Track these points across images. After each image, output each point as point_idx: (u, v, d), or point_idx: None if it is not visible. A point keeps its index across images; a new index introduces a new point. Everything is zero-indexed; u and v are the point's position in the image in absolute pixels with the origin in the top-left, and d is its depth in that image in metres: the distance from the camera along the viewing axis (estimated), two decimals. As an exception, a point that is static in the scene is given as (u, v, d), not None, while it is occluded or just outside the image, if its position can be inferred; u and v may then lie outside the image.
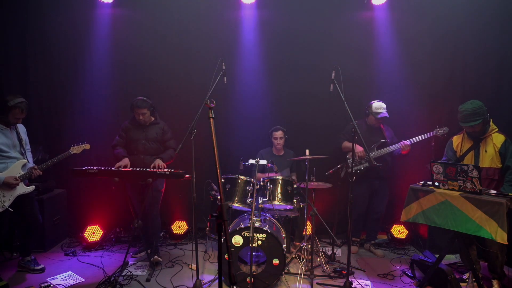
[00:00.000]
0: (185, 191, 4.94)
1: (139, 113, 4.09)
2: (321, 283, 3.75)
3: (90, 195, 5.05)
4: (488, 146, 3.56)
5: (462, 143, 3.75)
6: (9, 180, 3.53)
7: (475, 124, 3.49)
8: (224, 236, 1.84)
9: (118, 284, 3.59)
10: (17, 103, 3.56)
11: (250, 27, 5.04)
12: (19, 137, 3.75)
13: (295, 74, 5.07)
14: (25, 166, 3.74)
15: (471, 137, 3.68)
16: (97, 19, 4.94)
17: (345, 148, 4.61)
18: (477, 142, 3.65)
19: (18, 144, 3.73)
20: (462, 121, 3.57)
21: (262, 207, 4.02)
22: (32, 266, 3.93)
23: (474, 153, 3.64)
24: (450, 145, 3.87)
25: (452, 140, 3.87)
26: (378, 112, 4.35)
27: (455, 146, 3.82)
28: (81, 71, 5.00)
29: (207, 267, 4.14)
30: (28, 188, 3.76)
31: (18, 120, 3.68)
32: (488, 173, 3.54)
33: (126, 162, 3.98)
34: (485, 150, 3.57)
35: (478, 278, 3.35)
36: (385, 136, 4.46)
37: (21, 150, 3.76)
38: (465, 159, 3.70)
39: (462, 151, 3.73)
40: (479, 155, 3.60)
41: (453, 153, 3.83)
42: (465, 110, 3.53)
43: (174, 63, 5.03)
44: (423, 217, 3.37)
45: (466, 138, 3.74)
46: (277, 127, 4.71)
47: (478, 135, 3.61)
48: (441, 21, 4.85)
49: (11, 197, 3.61)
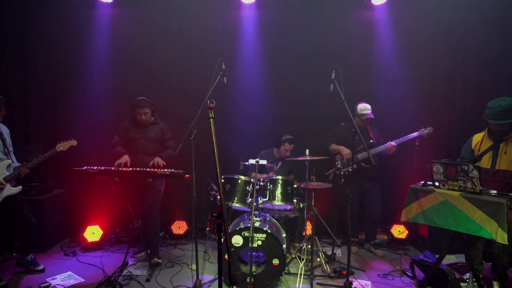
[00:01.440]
0: (185, 191, 4.94)
1: (141, 112, 4.08)
2: (321, 283, 3.75)
3: (90, 195, 5.04)
4: (508, 148, 3.37)
5: (482, 142, 3.56)
6: None
7: (505, 122, 3.27)
8: (224, 236, 1.83)
9: (118, 284, 3.58)
10: None
11: (250, 27, 5.04)
12: (1, 137, 3.66)
13: (295, 74, 5.07)
14: (9, 167, 3.66)
15: (493, 136, 3.46)
16: (97, 19, 4.94)
17: (333, 151, 4.65)
18: (497, 143, 3.44)
19: (1, 145, 3.65)
20: (493, 118, 3.31)
21: (262, 207, 4.02)
22: (32, 266, 3.92)
23: (493, 153, 3.45)
24: (469, 143, 3.67)
25: (472, 138, 3.65)
26: (363, 114, 4.40)
27: (474, 145, 3.61)
28: (81, 71, 4.99)
29: (207, 267, 4.14)
30: (15, 189, 3.67)
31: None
32: (505, 176, 3.35)
33: (126, 159, 3.97)
34: (504, 152, 3.37)
35: (479, 278, 3.34)
36: (372, 136, 4.49)
37: (4, 151, 3.67)
38: (483, 159, 3.52)
39: (481, 150, 3.55)
40: (497, 156, 3.41)
41: (471, 152, 3.64)
42: (498, 106, 3.28)
43: (174, 63, 5.03)
44: (423, 217, 3.36)
45: (486, 137, 3.53)
46: (291, 139, 4.59)
47: (502, 135, 3.40)
48: (441, 21, 4.86)
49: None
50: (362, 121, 4.45)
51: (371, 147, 4.41)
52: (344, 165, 4.50)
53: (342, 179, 4.50)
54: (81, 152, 4.74)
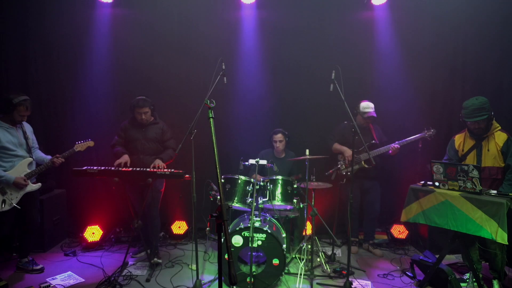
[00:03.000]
0: (185, 191, 4.94)
1: (141, 112, 4.08)
2: (321, 283, 3.75)
3: (90, 195, 5.05)
4: (490, 145, 3.49)
5: (464, 142, 3.67)
6: (19, 181, 3.58)
7: (481, 119, 3.40)
8: (224, 236, 1.83)
9: (118, 284, 3.58)
10: (21, 101, 3.61)
11: (250, 27, 5.04)
12: (25, 136, 3.79)
13: (295, 73, 5.07)
14: (31, 164, 3.78)
15: (474, 135, 3.60)
16: (97, 19, 4.94)
17: (336, 150, 4.62)
18: (479, 141, 3.57)
19: (24, 143, 3.77)
20: (468, 116, 3.46)
21: (262, 207, 4.02)
22: (30, 266, 3.92)
23: (477, 152, 3.57)
24: (452, 144, 3.79)
25: (454, 139, 3.79)
26: (366, 112, 4.37)
27: (457, 145, 3.73)
28: (81, 71, 5.00)
29: (207, 267, 4.14)
30: (35, 186, 3.82)
31: (23, 117, 3.72)
32: (491, 172, 3.48)
33: (126, 159, 3.97)
34: (487, 149, 3.50)
35: (479, 278, 3.34)
36: (374, 136, 4.47)
37: (27, 149, 3.79)
38: (467, 159, 3.63)
39: (464, 150, 3.66)
40: (481, 154, 3.53)
41: (455, 152, 3.76)
42: (472, 105, 3.43)
43: (174, 63, 5.02)
44: (423, 217, 3.36)
45: (468, 137, 3.66)
46: (277, 130, 4.63)
47: (481, 133, 3.52)
48: (441, 21, 4.86)
49: (19, 195, 3.67)
50: (364, 119, 4.41)
51: (374, 147, 4.40)
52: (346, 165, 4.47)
53: (344, 179, 4.49)
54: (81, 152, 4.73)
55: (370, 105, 4.40)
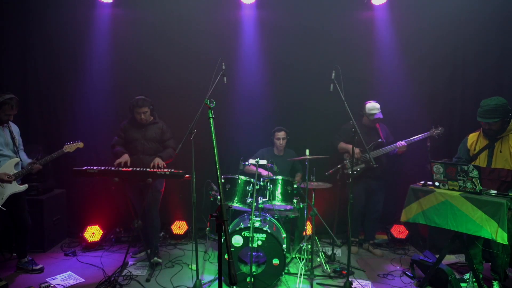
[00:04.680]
0: (185, 191, 4.94)
1: (140, 112, 4.07)
2: (321, 283, 3.75)
3: (90, 195, 5.05)
4: (503, 147, 3.39)
5: (477, 142, 3.59)
6: (1, 177, 3.50)
7: (492, 122, 3.33)
8: (224, 236, 1.83)
9: (118, 284, 3.58)
10: (6, 99, 3.55)
11: (250, 27, 5.04)
12: (12, 136, 3.73)
13: (295, 73, 5.07)
14: (17, 165, 3.73)
15: (487, 135, 3.50)
16: (97, 19, 4.94)
17: (342, 149, 4.60)
18: (492, 142, 3.47)
19: (11, 143, 3.72)
20: (480, 116, 3.39)
21: (262, 207, 4.02)
22: (30, 266, 3.91)
23: (488, 152, 3.48)
24: (465, 142, 3.70)
25: (468, 138, 3.68)
26: (372, 114, 4.36)
27: (469, 144, 3.64)
28: (81, 71, 5.00)
29: (207, 267, 4.14)
30: (21, 187, 3.74)
31: (9, 116, 3.66)
32: (501, 174, 3.37)
33: (126, 158, 3.97)
34: (499, 150, 3.40)
35: (479, 278, 3.34)
36: (381, 136, 4.46)
37: (14, 149, 3.74)
38: (478, 159, 3.54)
39: (476, 149, 3.58)
40: (493, 155, 3.44)
41: (466, 151, 3.67)
42: (486, 105, 3.35)
43: (174, 63, 5.02)
44: (423, 217, 3.36)
45: (481, 136, 3.56)
46: (280, 128, 4.70)
47: (494, 134, 3.44)
48: (441, 21, 4.86)
49: (4, 196, 3.60)
50: (370, 120, 4.41)
51: (380, 146, 4.38)
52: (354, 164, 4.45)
53: (350, 178, 4.48)
54: (81, 152, 4.72)
55: (376, 106, 4.37)
